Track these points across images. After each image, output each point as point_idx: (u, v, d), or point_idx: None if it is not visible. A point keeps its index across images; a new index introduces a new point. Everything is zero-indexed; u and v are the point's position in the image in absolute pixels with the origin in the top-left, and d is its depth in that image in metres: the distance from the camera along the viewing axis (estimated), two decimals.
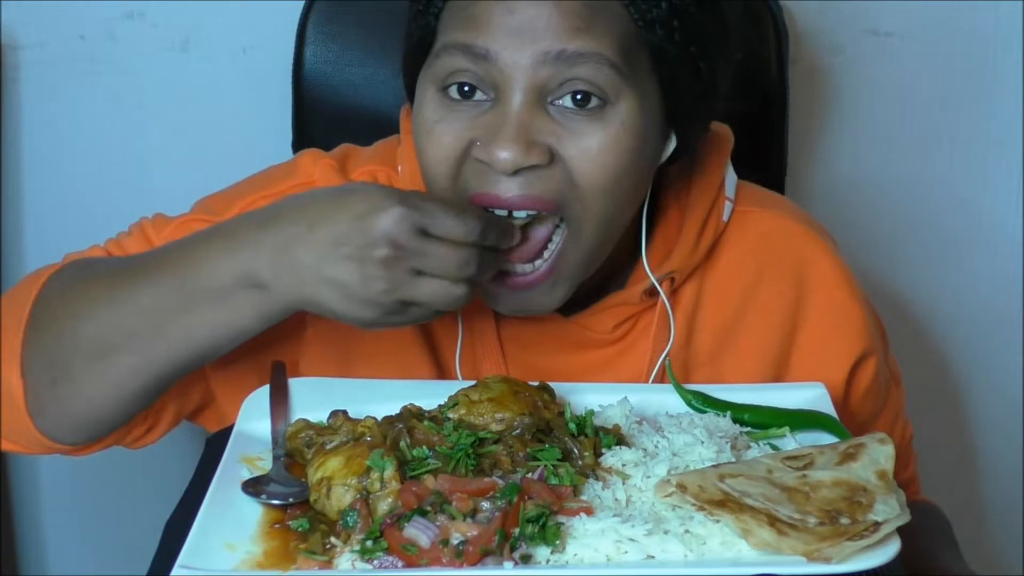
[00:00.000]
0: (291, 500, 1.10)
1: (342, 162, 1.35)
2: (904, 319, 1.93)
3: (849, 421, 1.38)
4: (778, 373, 1.35)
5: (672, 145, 1.26)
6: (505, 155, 1.15)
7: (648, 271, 1.30)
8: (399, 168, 1.34)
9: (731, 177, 1.36)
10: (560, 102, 1.17)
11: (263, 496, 1.10)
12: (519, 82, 1.16)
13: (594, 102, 1.17)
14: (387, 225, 1.09)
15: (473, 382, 1.20)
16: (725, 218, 1.34)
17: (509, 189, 1.17)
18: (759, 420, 1.22)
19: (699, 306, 1.34)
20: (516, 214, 1.19)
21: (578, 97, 1.16)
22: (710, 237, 1.33)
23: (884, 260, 1.52)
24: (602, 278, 1.31)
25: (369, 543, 1.03)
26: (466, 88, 1.18)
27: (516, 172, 1.16)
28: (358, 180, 1.32)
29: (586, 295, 1.31)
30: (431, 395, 1.20)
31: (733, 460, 1.13)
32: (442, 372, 1.33)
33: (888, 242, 1.94)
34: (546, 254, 1.22)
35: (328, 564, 1.03)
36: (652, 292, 1.31)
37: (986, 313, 2.01)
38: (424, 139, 1.21)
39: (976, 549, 1.82)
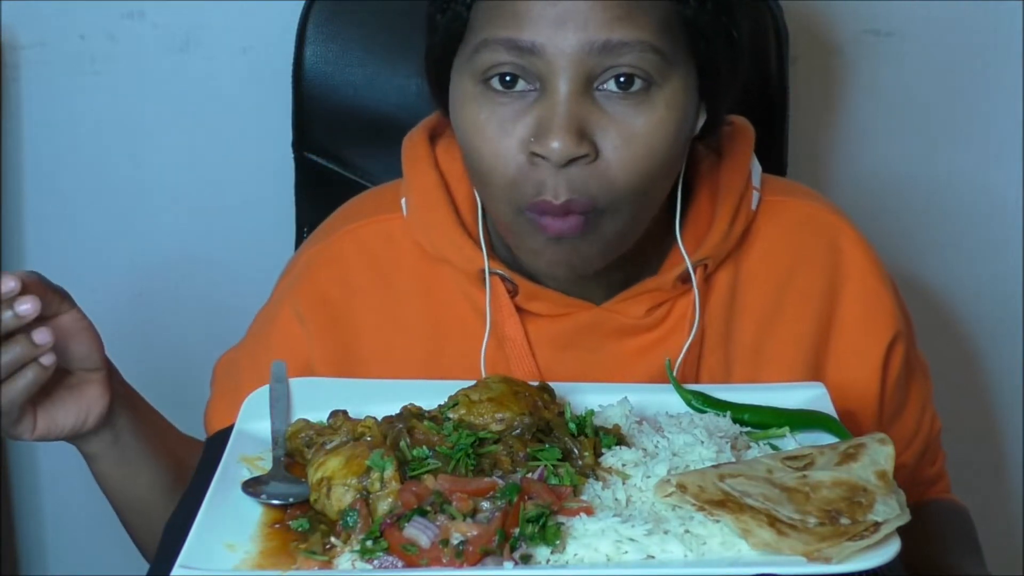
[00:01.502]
0: (291, 500, 1.10)
1: (329, 228, 1.40)
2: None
3: (885, 407, 1.40)
4: (818, 359, 1.37)
5: (703, 118, 1.27)
6: (557, 145, 1.16)
7: (683, 251, 1.30)
8: (403, 201, 1.34)
9: (756, 167, 1.38)
10: (606, 86, 1.18)
11: (263, 496, 1.10)
12: (566, 71, 1.17)
13: (639, 84, 1.18)
14: None
15: (473, 382, 1.20)
16: (753, 207, 1.35)
17: (559, 194, 1.18)
18: (759, 420, 1.22)
19: (736, 294, 1.35)
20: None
21: (622, 80, 1.18)
22: (742, 224, 1.34)
23: (884, 259, 1.53)
24: (635, 264, 1.32)
25: (369, 543, 1.03)
26: (508, 78, 1.19)
27: (567, 164, 1.17)
28: (344, 239, 1.36)
29: (620, 283, 1.32)
30: (431, 395, 1.20)
31: (733, 460, 1.13)
32: None
33: (888, 242, 1.94)
34: (575, 219, 1.21)
35: (328, 564, 1.03)
36: (684, 278, 1.31)
37: (987, 307, 2.01)
38: (476, 137, 1.21)
39: (997, 546, 1.83)
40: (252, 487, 1.11)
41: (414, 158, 1.35)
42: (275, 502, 1.10)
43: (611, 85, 1.18)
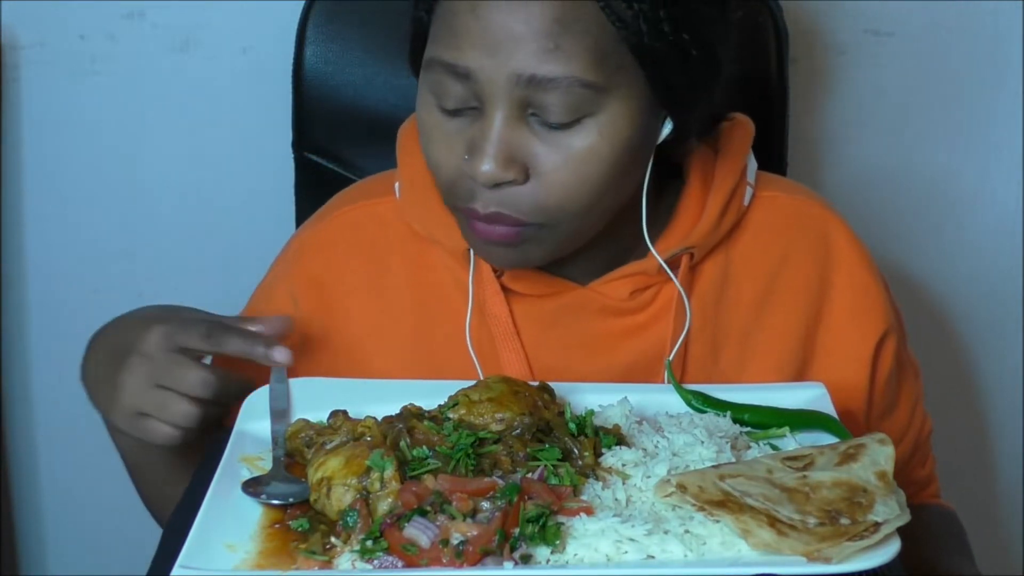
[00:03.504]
0: (291, 500, 1.10)
1: (323, 213, 1.43)
2: (907, 314, 1.93)
3: (875, 404, 1.41)
4: (806, 351, 1.38)
5: (668, 128, 1.26)
6: (485, 169, 1.18)
7: (651, 247, 1.31)
8: (396, 186, 1.37)
9: (752, 164, 1.39)
10: (538, 115, 1.19)
11: (263, 496, 1.10)
12: (499, 100, 1.18)
13: (567, 118, 1.18)
14: (146, 339, 1.23)
15: (473, 382, 1.20)
16: (746, 202, 1.37)
17: (487, 205, 1.21)
18: (759, 420, 1.22)
19: (726, 284, 1.37)
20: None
21: (550, 119, 1.18)
22: (732, 217, 1.35)
23: (883, 259, 1.53)
24: (621, 248, 1.34)
25: (369, 543, 1.03)
26: (453, 107, 1.21)
27: (496, 186, 1.19)
28: (336, 222, 1.40)
29: (606, 264, 1.34)
30: (431, 395, 1.20)
31: (733, 460, 1.13)
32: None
33: (888, 242, 1.94)
34: (504, 229, 1.23)
35: (328, 564, 1.03)
36: (670, 265, 1.32)
37: (988, 304, 2.01)
38: (425, 143, 1.25)
39: (986, 548, 1.82)
40: (252, 487, 1.11)
41: (408, 144, 1.37)
42: (275, 502, 1.10)
43: (540, 116, 1.18)
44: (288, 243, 1.45)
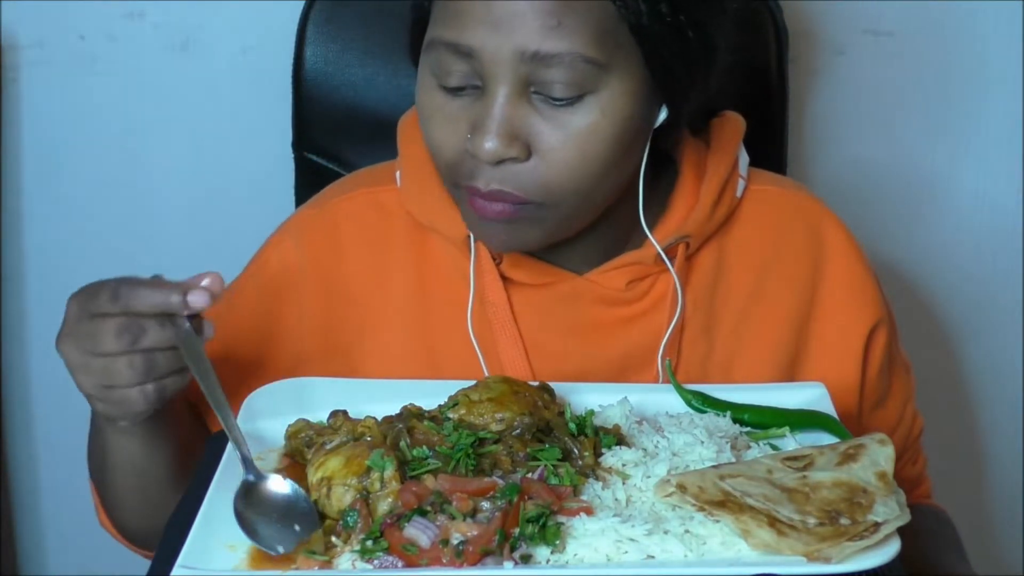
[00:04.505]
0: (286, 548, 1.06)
1: (322, 198, 1.43)
2: (903, 315, 1.93)
3: (866, 396, 1.42)
4: (799, 341, 1.39)
5: (663, 114, 1.27)
6: (488, 146, 1.19)
7: (648, 234, 1.33)
8: (397, 174, 1.39)
9: (744, 158, 1.40)
10: (541, 92, 1.20)
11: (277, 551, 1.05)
12: (502, 77, 1.19)
13: (571, 94, 1.19)
14: (66, 315, 1.19)
15: (473, 382, 1.20)
16: (738, 194, 1.38)
17: (489, 183, 1.22)
18: (759, 420, 1.22)
19: (720, 275, 1.38)
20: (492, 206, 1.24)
21: (553, 94, 1.19)
22: (726, 207, 1.37)
23: (881, 258, 1.53)
24: (618, 238, 1.35)
25: (369, 543, 1.03)
26: (455, 85, 1.22)
27: (499, 163, 1.21)
28: (336, 208, 1.40)
29: (602, 254, 1.35)
30: (431, 395, 1.20)
31: (733, 460, 1.13)
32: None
33: (886, 241, 1.95)
34: (502, 206, 1.24)
35: (328, 564, 1.03)
36: (667, 256, 1.34)
37: (986, 304, 2.01)
38: (426, 125, 1.26)
39: (984, 549, 1.83)
40: (250, 531, 1.07)
41: (409, 134, 1.38)
42: (279, 549, 1.05)
43: (543, 93, 1.20)
44: (286, 223, 1.44)
